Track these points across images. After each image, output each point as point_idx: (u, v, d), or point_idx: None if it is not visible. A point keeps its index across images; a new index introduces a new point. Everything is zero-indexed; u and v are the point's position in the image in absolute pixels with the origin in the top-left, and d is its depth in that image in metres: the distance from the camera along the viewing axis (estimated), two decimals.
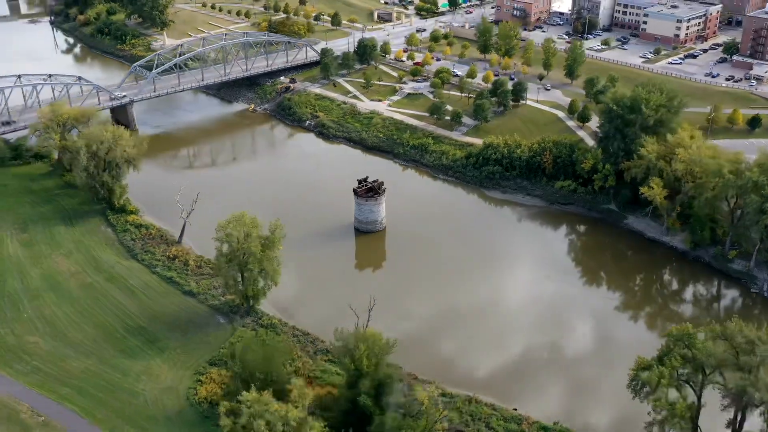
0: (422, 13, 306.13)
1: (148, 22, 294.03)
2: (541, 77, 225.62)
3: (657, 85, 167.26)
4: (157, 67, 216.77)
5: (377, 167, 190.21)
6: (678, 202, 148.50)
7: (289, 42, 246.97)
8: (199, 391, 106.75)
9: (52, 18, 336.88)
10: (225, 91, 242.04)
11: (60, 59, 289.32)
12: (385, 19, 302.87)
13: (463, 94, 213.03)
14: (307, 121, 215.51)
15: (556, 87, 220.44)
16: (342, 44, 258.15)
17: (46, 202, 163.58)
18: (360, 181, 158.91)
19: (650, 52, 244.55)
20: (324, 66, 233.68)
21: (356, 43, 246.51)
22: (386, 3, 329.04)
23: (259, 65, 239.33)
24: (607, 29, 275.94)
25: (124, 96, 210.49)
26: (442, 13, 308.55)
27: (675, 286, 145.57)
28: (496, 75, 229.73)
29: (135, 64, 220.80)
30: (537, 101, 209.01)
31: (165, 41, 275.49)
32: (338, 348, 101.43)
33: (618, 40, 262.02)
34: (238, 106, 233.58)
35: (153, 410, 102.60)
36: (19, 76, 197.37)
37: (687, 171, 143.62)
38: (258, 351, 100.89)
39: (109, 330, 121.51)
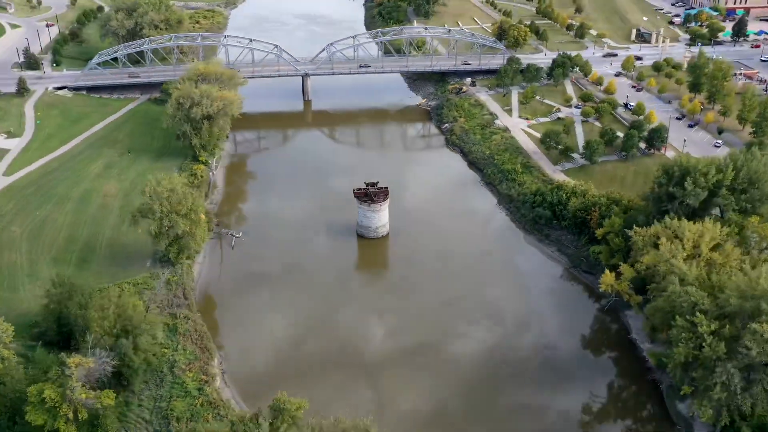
0: (694, 39, 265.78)
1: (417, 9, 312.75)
2: (720, 130, 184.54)
3: (739, 162, 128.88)
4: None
5: (455, 182, 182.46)
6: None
7: (487, 45, 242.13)
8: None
9: None
10: (417, 82, 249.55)
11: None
12: (645, 38, 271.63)
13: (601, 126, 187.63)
14: (445, 125, 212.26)
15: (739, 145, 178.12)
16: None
17: (163, 138, 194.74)
18: (367, 184, 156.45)
19: None
20: (499, 74, 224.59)
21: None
22: (671, 23, 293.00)
23: (447, 63, 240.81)
24: None
25: (302, 69, 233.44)
26: (720, 43, 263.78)
27: (602, 407, 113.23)
28: (678, 118, 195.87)
29: (329, 43, 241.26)
30: (681, 154, 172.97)
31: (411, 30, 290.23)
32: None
33: None
34: (417, 99, 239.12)
35: (5, 309, 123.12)
36: (225, 36, 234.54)
37: (654, 269, 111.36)
38: (63, 291, 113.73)
39: (72, 242, 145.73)
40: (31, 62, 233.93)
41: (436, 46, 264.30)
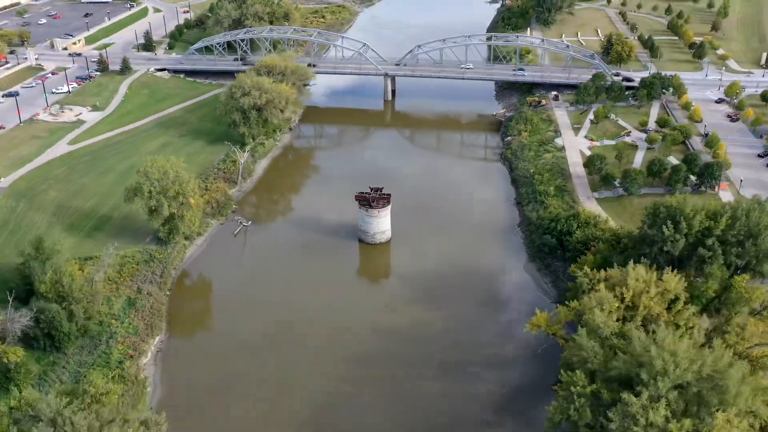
0: None
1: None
2: None
3: (740, 211, 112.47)
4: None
5: (487, 199, 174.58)
6: None
7: (581, 59, 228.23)
8: None
9: None
10: (505, 91, 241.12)
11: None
12: None
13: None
14: (508, 138, 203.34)
15: None
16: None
17: (227, 124, 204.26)
18: (371, 188, 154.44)
19: None
20: (579, 90, 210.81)
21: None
22: None
23: (533, 74, 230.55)
24: None
25: (384, 69, 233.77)
26: None
27: None
28: (761, 156, 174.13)
29: (416, 45, 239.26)
30: (737, 194, 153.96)
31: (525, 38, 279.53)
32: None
33: None
34: (498, 108, 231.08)
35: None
36: (318, 32, 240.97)
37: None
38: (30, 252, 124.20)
39: (94, 211, 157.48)
40: (147, 44, 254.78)
41: (539, 55, 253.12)
